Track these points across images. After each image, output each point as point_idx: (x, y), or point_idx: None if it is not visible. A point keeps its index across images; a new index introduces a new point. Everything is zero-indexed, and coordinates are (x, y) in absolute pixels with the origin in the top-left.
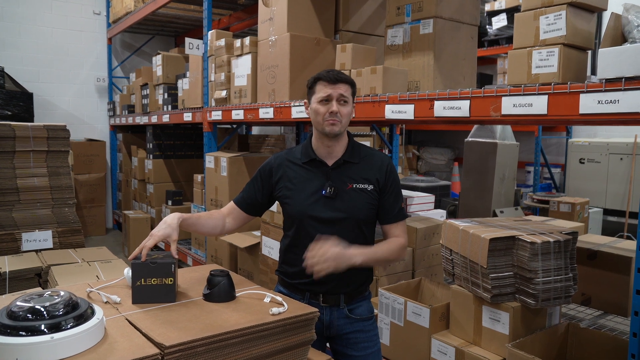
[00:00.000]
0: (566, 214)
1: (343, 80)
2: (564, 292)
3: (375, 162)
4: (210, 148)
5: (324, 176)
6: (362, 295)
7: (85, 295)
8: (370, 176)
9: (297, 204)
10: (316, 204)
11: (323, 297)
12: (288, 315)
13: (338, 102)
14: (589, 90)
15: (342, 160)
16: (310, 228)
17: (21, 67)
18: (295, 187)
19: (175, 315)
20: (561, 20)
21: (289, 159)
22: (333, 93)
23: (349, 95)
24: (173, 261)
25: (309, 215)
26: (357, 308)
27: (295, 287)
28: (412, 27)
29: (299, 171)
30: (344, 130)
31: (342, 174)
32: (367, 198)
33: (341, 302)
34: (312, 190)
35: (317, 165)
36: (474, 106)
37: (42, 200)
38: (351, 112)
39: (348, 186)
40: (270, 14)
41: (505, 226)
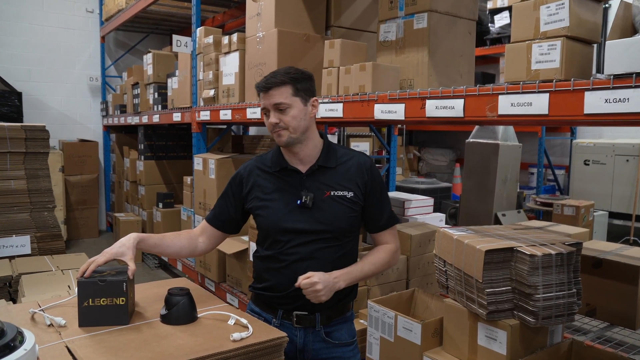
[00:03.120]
0: (570, 217)
1: (277, 84)
2: (567, 309)
3: (354, 164)
4: (199, 149)
5: (298, 184)
6: (343, 316)
7: (28, 317)
8: (349, 181)
9: (270, 215)
10: (291, 215)
11: (296, 317)
12: (252, 341)
13: (276, 111)
14: (595, 87)
15: (316, 165)
16: (286, 241)
17: (11, 66)
18: (268, 197)
19: (124, 341)
20: (564, 10)
21: (259, 167)
22: (267, 104)
23: (289, 97)
24: (125, 279)
25: (283, 228)
26: (336, 331)
27: (267, 304)
28: (406, 21)
29: (271, 180)
30: (297, 136)
31: (317, 180)
32: (347, 206)
33: (317, 324)
34: (286, 200)
35: (290, 173)
36: (468, 106)
37: (19, 204)
38: (299, 114)
39: (325, 194)
40: (258, 9)
41: (503, 236)
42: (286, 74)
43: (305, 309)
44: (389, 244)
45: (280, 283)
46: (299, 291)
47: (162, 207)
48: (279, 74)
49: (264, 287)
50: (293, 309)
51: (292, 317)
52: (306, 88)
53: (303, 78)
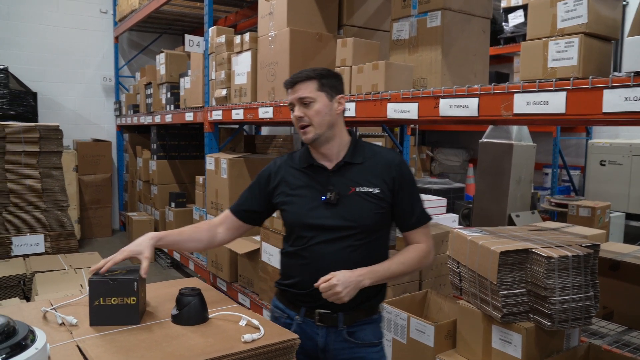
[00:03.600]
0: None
1: (302, 79)
2: (584, 312)
3: (382, 161)
4: (211, 149)
5: (324, 181)
6: (368, 317)
7: (40, 315)
8: (375, 177)
9: (295, 211)
10: (316, 211)
11: (319, 315)
12: (263, 342)
13: (301, 105)
14: (615, 85)
15: (342, 162)
16: (311, 237)
17: (26, 67)
18: (294, 193)
19: (135, 341)
20: (582, 6)
21: (288, 164)
22: (292, 98)
23: (313, 91)
24: (136, 278)
25: (308, 224)
26: (361, 331)
27: (291, 301)
28: (419, 20)
29: (298, 176)
30: (322, 132)
31: (343, 176)
32: (373, 202)
33: (339, 323)
34: (312, 196)
35: (317, 169)
36: (483, 104)
37: (33, 203)
38: (323, 109)
39: (350, 190)
40: (270, 8)
41: (518, 237)
42: (312, 71)
43: (328, 308)
44: (420, 244)
45: (304, 280)
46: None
47: (174, 207)
48: (306, 70)
49: (289, 283)
50: (316, 307)
51: (314, 315)
52: (332, 84)
53: (329, 75)
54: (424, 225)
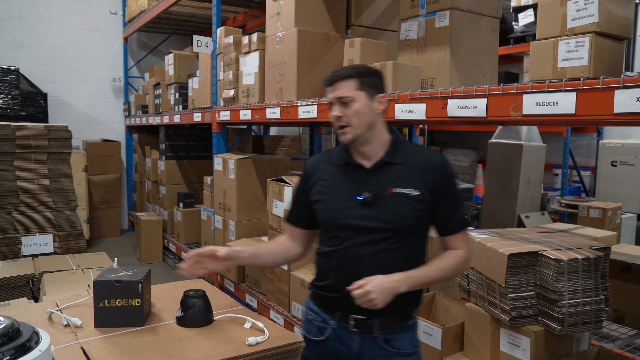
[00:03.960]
0: (596, 220)
1: (341, 77)
2: (594, 316)
3: (423, 161)
4: (219, 149)
5: (361, 180)
6: (404, 323)
7: (46, 317)
8: (415, 179)
9: (328, 209)
10: (350, 211)
11: (354, 320)
12: (268, 345)
13: (340, 105)
14: (626, 85)
15: (381, 161)
16: (345, 238)
17: (37, 68)
18: (328, 191)
19: (139, 343)
20: (593, 5)
21: (325, 162)
22: (331, 97)
23: (353, 90)
24: (141, 280)
25: (342, 224)
26: (397, 339)
27: (326, 305)
28: (427, 20)
29: (334, 174)
30: (361, 132)
31: (382, 177)
32: (411, 204)
33: (374, 329)
34: (347, 195)
35: (354, 168)
36: (491, 105)
37: (42, 203)
38: (363, 109)
39: (388, 191)
40: (277, 8)
41: (526, 239)
42: (352, 69)
43: (363, 313)
44: (459, 250)
45: (337, 283)
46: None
47: (182, 207)
48: (346, 67)
49: (322, 286)
50: (350, 311)
51: (349, 321)
52: (373, 83)
53: (370, 73)
54: (463, 230)
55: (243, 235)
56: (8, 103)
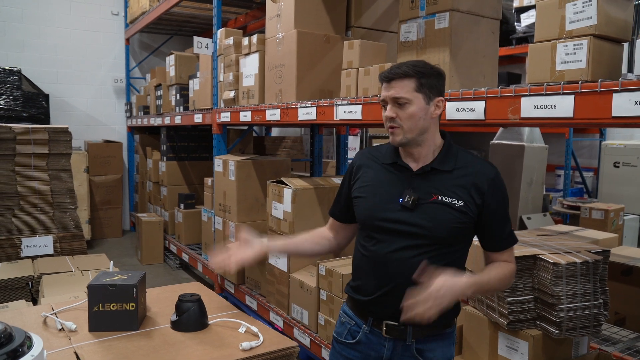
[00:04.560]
0: (599, 221)
1: (399, 75)
2: (593, 320)
3: (474, 172)
4: (219, 151)
5: (405, 182)
6: (441, 332)
7: (40, 320)
8: (462, 189)
9: (366, 207)
10: (389, 212)
11: (386, 326)
12: (261, 350)
13: (394, 105)
14: (624, 89)
15: (429, 167)
16: (380, 240)
17: (39, 69)
18: (370, 189)
19: (133, 347)
20: (591, 7)
21: (371, 158)
22: (386, 95)
23: (410, 92)
24: (135, 284)
25: (377, 225)
26: (430, 351)
27: (359, 308)
28: (427, 21)
29: (379, 171)
30: (412, 137)
31: (427, 182)
32: (454, 215)
33: (408, 337)
34: (389, 195)
35: (400, 169)
36: (489, 108)
37: (42, 205)
38: (418, 113)
39: (432, 197)
40: (277, 10)
41: (525, 242)
42: (413, 67)
43: (395, 319)
44: (510, 263)
45: (369, 285)
46: (387, 297)
47: (183, 208)
48: (405, 65)
49: (354, 286)
50: (382, 317)
51: (382, 327)
52: (432, 85)
53: (431, 73)
54: (511, 247)
55: None
56: (10, 104)
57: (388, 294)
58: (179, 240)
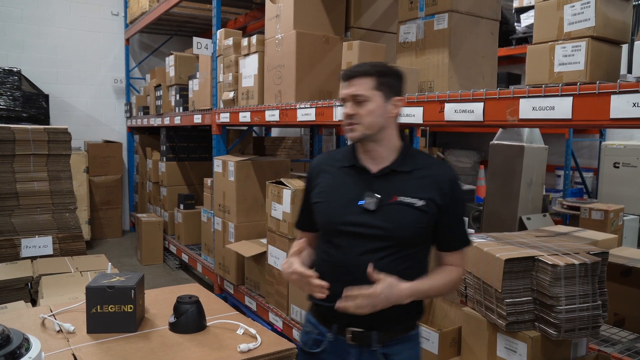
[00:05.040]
0: (598, 221)
1: (359, 74)
2: (591, 321)
3: (432, 173)
4: (219, 151)
5: (365, 184)
6: (405, 334)
7: (39, 322)
8: (422, 190)
9: (326, 211)
10: (350, 216)
11: (351, 333)
12: (259, 352)
13: (353, 102)
14: (622, 91)
15: (389, 169)
16: (341, 244)
17: (39, 69)
18: (329, 192)
19: (131, 349)
20: (589, 9)
21: (328, 162)
22: (346, 93)
23: (369, 90)
24: (133, 286)
25: (338, 229)
26: (397, 354)
27: (322, 316)
28: (426, 22)
29: (336, 175)
30: (370, 132)
31: (387, 184)
32: (415, 215)
33: (373, 342)
34: (349, 199)
35: (359, 171)
36: (488, 109)
37: (42, 205)
38: (377, 110)
39: (392, 198)
40: (277, 10)
41: (524, 244)
42: (372, 66)
43: (360, 325)
44: (458, 268)
45: (332, 291)
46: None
47: (183, 209)
48: (365, 64)
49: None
50: (347, 324)
51: (346, 334)
52: (391, 84)
53: (390, 73)
54: (463, 248)
55: (242, 237)
56: (10, 104)
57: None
58: (178, 241)
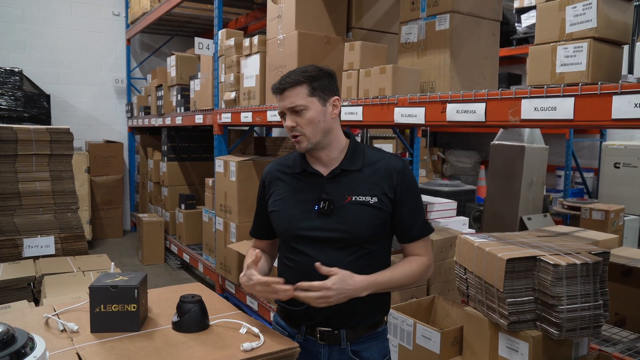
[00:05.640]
0: (599, 222)
1: (291, 84)
2: (593, 321)
3: (382, 167)
4: (220, 151)
5: (317, 188)
6: (373, 331)
7: (42, 322)
8: (374, 185)
9: (284, 219)
10: (307, 222)
11: (320, 333)
12: (263, 351)
13: (292, 114)
14: (624, 91)
15: (339, 169)
16: (302, 250)
17: (41, 69)
18: (285, 200)
19: (134, 348)
20: (591, 10)
21: (279, 170)
22: (282, 106)
23: (304, 98)
24: (137, 285)
25: (297, 235)
26: (366, 351)
27: (291, 318)
28: (428, 23)
29: (290, 182)
30: (317, 140)
31: (339, 185)
32: (370, 213)
33: (342, 340)
34: (304, 204)
35: (310, 176)
36: (490, 110)
37: (44, 205)
38: (317, 116)
39: (346, 199)
40: (278, 11)
41: (526, 243)
42: (302, 73)
43: (328, 325)
44: (422, 257)
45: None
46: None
47: (184, 209)
48: (294, 73)
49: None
50: (316, 324)
51: (315, 334)
52: (324, 87)
53: (320, 76)
54: (425, 237)
55: (244, 237)
56: (11, 104)
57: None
58: (179, 241)
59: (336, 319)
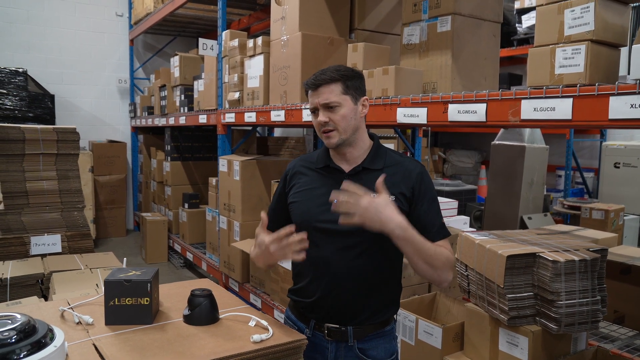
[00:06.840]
0: (599, 221)
1: (326, 81)
2: (591, 316)
3: (402, 169)
4: (224, 151)
5: (338, 184)
6: (381, 330)
7: (58, 315)
8: (393, 186)
9: (302, 211)
10: (325, 214)
11: (327, 329)
12: (272, 343)
13: (325, 110)
14: (621, 92)
15: (360, 167)
16: (317, 242)
17: (45, 69)
18: (305, 192)
19: (148, 340)
20: (589, 13)
21: (303, 164)
22: (316, 102)
23: (339, 95)
24: (149, 280)
25: (314, 227)
26: (372, 349)
27: (300, 313)
28: (429, 24)
29: (312, 176)
30: (347, 137)
31: (360, 181)
32: None
33: (349, 338)
34: (323, 198)
35: (333, 171)
36: (490, 110)
37: (51, 204)
38: (349, 114)
39: None
40: (282, 12)
41: (525, 241)
42: (336, 71)
43: (336, 322)
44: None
45: (310, 287)
46: (326, 300)
47: (187, 208)
48: (329, 70)
49: (296, 289)
50: (323, 319)
51: (323, 329)
52: (357, 86)
53: (354, 76)
54: (443, 240)
55: (248, 235)
56: (16, 105)
57: (328, 295)
58: (183, 240)
59: (344, 314)
